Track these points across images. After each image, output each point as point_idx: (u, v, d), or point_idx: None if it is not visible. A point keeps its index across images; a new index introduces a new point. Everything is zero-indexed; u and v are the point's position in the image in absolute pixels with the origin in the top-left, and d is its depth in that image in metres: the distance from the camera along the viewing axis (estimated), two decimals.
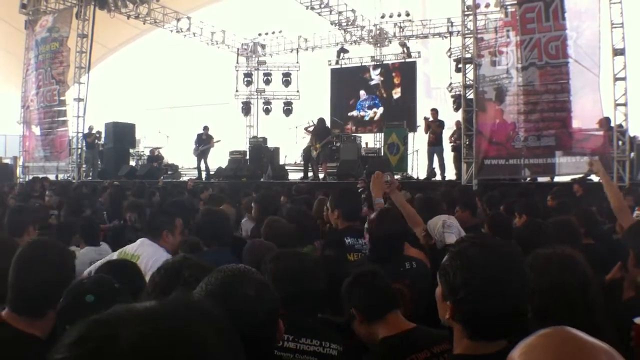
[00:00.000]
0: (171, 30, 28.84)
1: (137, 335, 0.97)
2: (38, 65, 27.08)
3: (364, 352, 3.22)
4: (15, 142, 30.88)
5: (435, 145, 20.10)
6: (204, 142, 23.31)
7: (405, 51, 27.90)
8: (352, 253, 5.13)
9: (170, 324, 1.03)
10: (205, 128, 23.71)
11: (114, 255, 4.93)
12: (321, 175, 21.05)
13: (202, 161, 23.37)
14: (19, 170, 28.18)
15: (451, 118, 22.30)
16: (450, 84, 24.95)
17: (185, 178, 23.86)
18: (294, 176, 23.17)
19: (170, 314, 1.07)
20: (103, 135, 25.97)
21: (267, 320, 2.13)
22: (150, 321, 1.02)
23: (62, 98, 26.28)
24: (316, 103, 29.21)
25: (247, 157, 24.22)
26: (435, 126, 20.15)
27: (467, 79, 18.40)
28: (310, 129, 21.52)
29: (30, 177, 23.33)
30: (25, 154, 28.25)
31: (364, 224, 4.74)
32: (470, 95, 17.82)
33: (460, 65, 20.34)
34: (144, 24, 27.59)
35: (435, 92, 29.68)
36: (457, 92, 23.07)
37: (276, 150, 24.91)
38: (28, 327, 2.69)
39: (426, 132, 20.69)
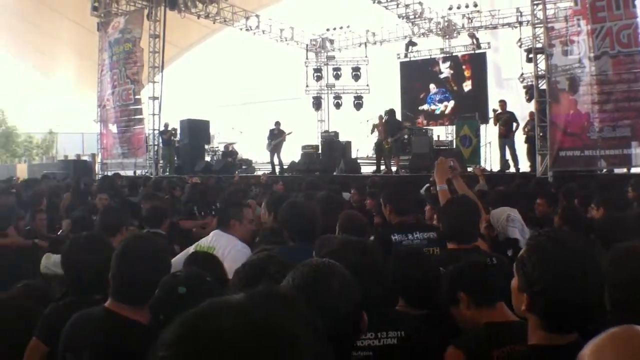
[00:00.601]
0: (240, 29, 29.18)
1: (234, 328, 1.03)
2: (112, 66, 27.78)
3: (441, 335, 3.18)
4: (92, 140, 31.83)
5: (505, 137, 19.81)
6: (276, 137, 23.57)
7: (475, 42, 27.62)
8: None
9: (266, 317, 1.08)
10: (277, 123, 23.95)
11: (191, 249, 5.11)
12: (394, 169, 21.02)
13: (275, 155, 23.63)
14: (97, 167, 28.94)
15: (524, 109, 21.97)
16: (522, 74, 24.58)
17: (259, 172, 24.14)
18: (367, 170, 23.19)
19: (265, 307, 1.12)
20: (178, 132, 26.45)
21: (351, 314, 2.13)
22: (246, 314, 1.07)
23: (137, 97, 26.92)
24: (386, 96, 29.17)
25: (320, 151, 24.26)
26: (504, 118, 19.94)
27: (539, 69, 18.14)
28: (377, 124, 21.48)
29: (109, 173, 23.98)
30: (103, 151, 29.06)
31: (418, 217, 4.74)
32: (543, 85, 17.51)
33: (531, 56, 19.98)
34: (213, 23, 28.03)
35: (507, 83, 29.21)
36: (529, 83, 22.66)
37: (348, 144, 24.92)
38: (132, 315, 2.88)
39: (495, 124, 20.48)
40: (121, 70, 27.03)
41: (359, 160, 23.90)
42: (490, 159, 22.94)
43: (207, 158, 26.87)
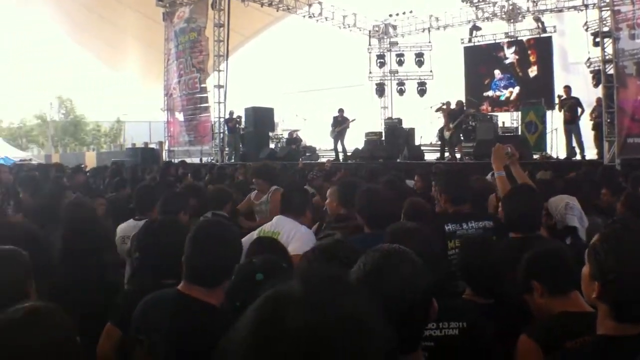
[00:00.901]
0: (303, 16, 29.34)
1: (305, 322, 1.09)
2: (178, 55, 28.25)
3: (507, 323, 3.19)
4: (159, 128, 32.41)
5: (571, 123, 19.34)
6: (339, 124, 23.61)
7: (540, 26, 27.13)
8: (454, 240, 4.81)
9: (337, 311, 1.12)
10: (340, 110, 23.95)
11: (254, 234, 5.12)
12: (458, 156, 20.79)
13: (339, 143, 23.69)
14: (164, 154, 29.48)
15: (591, 94, 21.49)
16: (589, 58, 24.04)
17: (323, 159, 24.22)
18: (430, 157, 22.97)
19: (336, 301, 1.15)
20: (243, 119, 26.72)
21: (421, 300, 2.12)
22: (317, 307, 1.12)
23: (203, 85, 27.33)
24: (450, 82, 29.02)
25: (383, 138, 24.24)
26: (569, 104, 19.54)
27: (605, 54, 17.68)
28: (445, 107, 21.24)
29: (176, 160, 24.41)
30: (170, 139, 29.62)
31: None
32: (610, 70, 17.08)
33: (597, 39, 19.61)
34: (277, 10, 28.15)
35: (573, 68, 28.55)
36: (596, 67, 22.14)
37: (411, 131, 24.72)
38: (204, 297, 2.93)
39: (560, 110, 20.13)
40: (187, 60, 27.48)
41: (422, 147, 23.74)
42: (557, 145, 22.47)
43: (272, 145, 27.02)
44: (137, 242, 4.00)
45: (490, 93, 28.56)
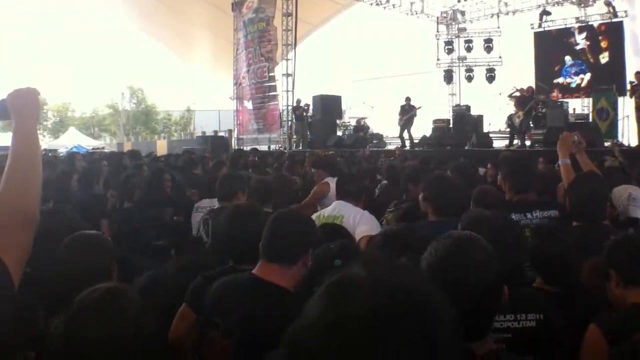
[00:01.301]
0: (370, 4, 29.31)
1: (370, 305, 1.13)
2: (247, 45, 28.63)
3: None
4: (228, 116, 32.87)
5: None
6: (406, 112, 23.56)
7: (611, 11, 26.52)
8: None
9: (401, 293, 1.17)
10: (407, 99, 23.86)
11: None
12: (527, 143, 20.58)
13: (406, 131, 23.66)
14: (233, 142, 29.90)
15: None
16: None
17: (390, 147, 24.25)
18: (499, 144, 22.79)
19: (399, 283, 1.20)
20: (311, 107, 26.88)
21: (493, 287, 2.10)
22: (381, 290, 1.16)
23: (271, 74, 27.66)
24: (520, 68, 28.64)
25: (451, 125, 24.04)
26: None
27: None
28: (516, 94, 20.98)
29: (245, 148, 24.74)
30: (239, 127, 30.09)
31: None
32: None
33: None
34: None
35: None
36: None
37: (480, 118, 24.47)
38: (279, 280, 2.98)
39: (631, 97, 19.70)
40: (256, 49, 27.84)
41: (491, 135, 23.47)
42: (628, 133, 22.01)
43: (339, 133, 27.14)
44: (214, 228, 4.09)
45: (560, 80, 27.98)
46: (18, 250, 1.85)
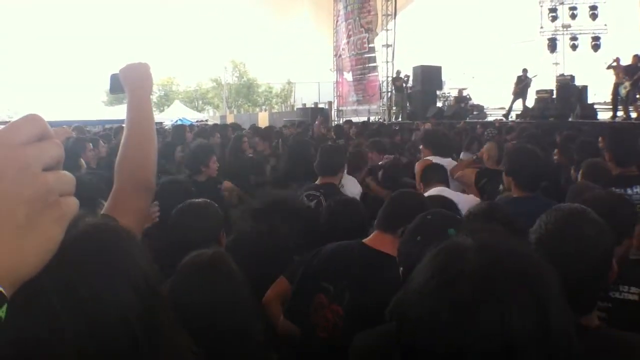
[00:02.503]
0: None
1: (478, 264, 1.18)
2: (347, 16, 28.65)
3: None
4: (328, 88, 33.07)
5: None
6: (521, 82, 23.26)
7: None
8: None
9: (506, 253, 1.22)
10: (524, 70, 23.55)
11: None
12: (633, 115, 19.84)
13: (520, 101, 23.36)
14: (333, 114, 30.08)
15: None
16: None
17: (490, 118, 23.93)
18: (604, 116, 22.06)
19: (503, 245, 1.26)
20: (411, 78, 26.77)
21: (603, 261, 2.04)
22: (488, 251, 1.21)
23: (371, 45, 27.62)
24: (627, 36, 27.62)
25: (554, 96, 23.27)
26: None
27: None
28: (614, 64, 20.28)
29: (344, 119, 24.89)
30: (339, 98, 30.25)
31: None
32: None
33: None
34: None
35: None
36: None
37: (584, 88, 23.45)
38: (390, 249, 2.97)
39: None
40: (355, 20, 27.83)
41: (595, 106, 22.75)
42: None
43: (439, 104, 26.90)
44: (328, 210, 4.18)
45: None
46: (135, 217, 1.92)
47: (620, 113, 20.41)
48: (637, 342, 1.90)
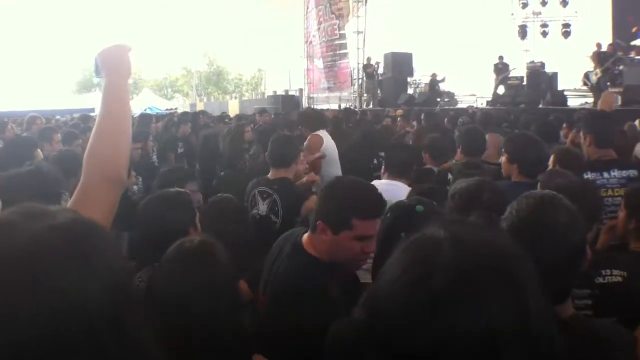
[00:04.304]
0: None
1: (453, 256, 1.12)
2: (317, 2, 28.62)
3: None
4: (299, 75, 33.04)
5: None
6: (500, 72, 23.34)
7: None
8: None
9: (481, 245, 1.17)
10: (500, 57, 23.77)
11: None
12: None
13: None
14: (304, 101, 30.02)
15: None
16: None
17: (462, 105, 23.99)
18: (574, 102, 22.17)
19: (478, 237, 1.20)
20: (382, 65, 26.71)
21: (578, 248, 2.02)
22: (462, 243, 1.16)
23: (342, 32, 27.60)
24: (596, 24, 27.77)
25: (525, 82, 23.37)
26: None
27: None
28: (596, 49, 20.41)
29: (316, 107, 24.84)
30: (310, 85, 30.14)
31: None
32: None
33: None
34: None
35: None
36: None
37: (554, 75, 23.63)
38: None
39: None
40: (326, 6, 27.78)
41: (565, 92, 22.86)
42: None
43: (410, 91, 26.80)
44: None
45: (638, 42, 26.97)
46: (103, 212, 1.82)
47: (590, 100, 20.46)
48: (611, 333, 1.93)
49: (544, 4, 29.71)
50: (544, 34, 30.21)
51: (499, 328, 1.06)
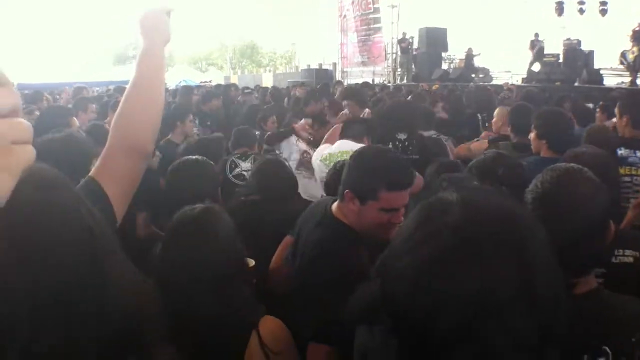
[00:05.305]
0: None
1: (461, 217, 1.14)
2: None
3: None
4: (333, 49, 32.95)
5: None
6: (534, 47, 23.18)
7: None
8: (624, 167, 4.55)
9: (490, 206, 1.20)
10: (536, 34, 23.66)
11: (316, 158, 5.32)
12: (638, 81, 19.70)
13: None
14: (337, 75, 29.98)
15: None
16: None
17: (496, 82, 23.81)
18: (610, 81, 21.89)
19: (488, 199, 1.24)
20: (416, 40, 26.59)
21: (600, 220, 2.01)
22: (471, 205, 1.18)
23: (376, 5, 27.47)
24: (634, 2, 27.30)
25: (561, 60, 23.19)
26: None
27: None
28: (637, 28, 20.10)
29: (349, 81, 24.83)
30: (344, 60, 30.09)
31: None
32: None
33: None
34: None
35: None
36: None
37: (591, 53, 23.39)
38: None
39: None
40: None
41: (602, 71, 22.56)
42: None
43: (444, 66, 26.71)
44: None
45: None
46: (124, 183, 1.78)
47: (626, 79, 20.19)
48: (634, 309, 1.88)
49: None
50: (581, 11, 29.69)
51: (501, 292, 1.07)
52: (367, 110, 7.35)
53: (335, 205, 2.91)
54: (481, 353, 1.07)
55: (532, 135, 4.72)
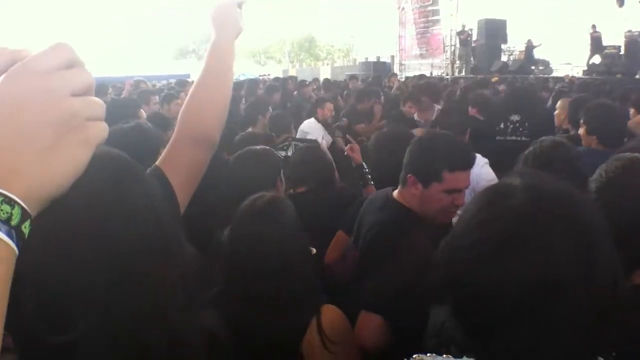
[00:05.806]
0: None
1: (526, 200, 1.17)
2: None
3: None
4: (391, 42, 32.96)
5: None
6: (596, 41, 22.97)
7: None
8: None
9: (551, 190, 1.21)
10: (593, 26, 23.37)
11: None
12: None
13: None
14: (395, 68, 30.01)
15: None
16: None
17: (556, 74, 23.59)
18: None
19: (549, 184, 1.24)
20: (475, 32, 26.55)
21: None
22: (534, 188, 1.20)
23: None
24: None
25: (622, 52, 22.79)
26: None
27: None
28: None
29: (408, 74, 24.86)
30: (402, 52, 30.10)
31: None
32: None
33: None
34: None
35: None
36: None
37: None
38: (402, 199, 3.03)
39: None
40: None
41: None
42: None
43: (504, 58, 26.57)
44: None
45: None
46: (189, 173, 1.80)
47: None
48: None
49: None
50: None
51: (562, 275, 1.09)
52: (437, 107, 7.27)
53: (396, 191, 2.97)
54: (538, 329, 1.11)
55: (581, 130, 4.55)
